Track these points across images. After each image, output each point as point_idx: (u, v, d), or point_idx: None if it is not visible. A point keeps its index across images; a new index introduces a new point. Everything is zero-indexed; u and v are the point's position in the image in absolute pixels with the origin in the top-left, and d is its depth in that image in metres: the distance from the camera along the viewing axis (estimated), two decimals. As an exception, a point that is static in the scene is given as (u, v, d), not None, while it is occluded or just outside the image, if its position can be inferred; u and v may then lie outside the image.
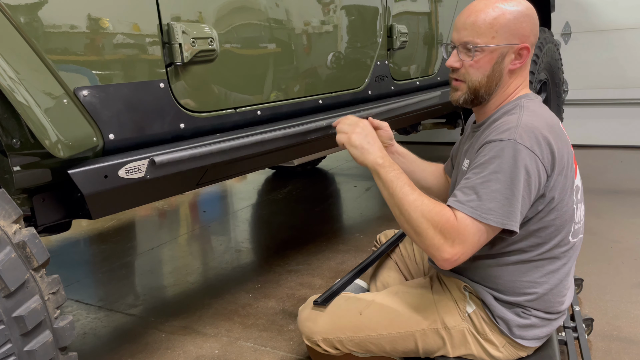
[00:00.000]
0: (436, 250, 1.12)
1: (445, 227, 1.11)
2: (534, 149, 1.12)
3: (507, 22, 1.20)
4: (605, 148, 4.65)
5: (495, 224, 1.11)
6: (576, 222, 1.27)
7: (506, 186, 1.11)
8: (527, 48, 1.23)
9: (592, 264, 2.32)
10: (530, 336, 1.27)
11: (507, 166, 1.11)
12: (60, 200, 1.25)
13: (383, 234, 1.93)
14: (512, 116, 1.21)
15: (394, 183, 1.21)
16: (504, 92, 1.28)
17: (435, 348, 1.34)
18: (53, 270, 1.15)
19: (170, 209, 3.75)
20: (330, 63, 1.86)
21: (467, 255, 1.13)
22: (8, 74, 0.99)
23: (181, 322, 2.07)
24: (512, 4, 1.22)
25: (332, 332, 1.41)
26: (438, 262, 1.13)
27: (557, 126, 1.22)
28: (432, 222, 1.12)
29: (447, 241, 1.11)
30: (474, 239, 1.11)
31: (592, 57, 4.59)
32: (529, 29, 1.23)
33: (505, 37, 1.21)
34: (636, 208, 3.03)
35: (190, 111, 1.38)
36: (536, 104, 1.26)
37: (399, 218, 1.20)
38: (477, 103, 1.30)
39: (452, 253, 1.11)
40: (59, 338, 1.05)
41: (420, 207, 1.15)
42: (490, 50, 1.22)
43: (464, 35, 1.24)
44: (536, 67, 2.96)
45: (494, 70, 1.24)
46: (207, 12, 1.40)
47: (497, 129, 1.18)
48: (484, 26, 1.21)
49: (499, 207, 1.10)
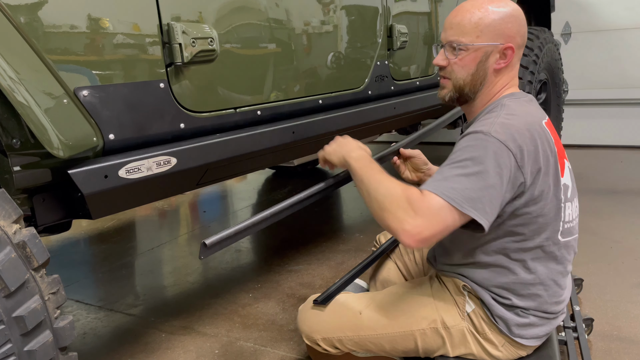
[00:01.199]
0: (399, 223, 1.09)
1: (407, 200, 1.10)
2: (508, 143, 1.12)
3: (492, 21, 1.22)
4: (605, 148, 4.65)
5: (454, 204, 1.08)
6: (566, 222, 1.26)
7: (473, 172, 1.11)
8: (511, 48, 1.24)
9: (592, 264, 2.32)
10: (530, 335, 1.27)
11: (477, 155, 1.12)
12: (60, 200, 1.25)
13: (382, 234, 1.93)
14: (492, 113, 1.22)
15: (364, 169, 1.25)
16: (489, 91, 1.29)
17: (435, 347, 1.34)
18: (53, 270, 1.15)
19: (170, 209, 3.75)
20: (330, 63, 1.86)
21: (432, 231, 1.08)
22: (8, 74, 0.99)
23: (181, 322, 2.07)
24: (499, 5, 1.23)
25: (332, 331, 1.41)
26: (400, 235, 1.10)
27: (537, 125, 1.21)
28: (395, 197, 1.12)
29: (408, 213, 1.09)
30: (436, 214, 1.08)
31: (592, 57, 4.59)
32: (515, 29, 1.24)
33: (490, 37, 1.23)
34: (636, 208, 3.02)
35: (190, 111, 1.39)
36: (519, 103, 1.26)
37: (369, 201, 1.20)
38: (463, 101, 1.32)
39: (413, 225, 1.07)
40: (59, 338, 1.05)
41: (386, 183, 1.17)
42: (474, 48, 1.24)
43: (450, 34, 1.27)
44: (536, 67, 2.96)
45: (478, 69, 1.26)
46: (207, 12, 1.40)
47: (475, 125, 1.20)
48: (469, 25, 1.23)
49: (462, 190, 1.09)
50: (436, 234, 1.10)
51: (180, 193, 1.54)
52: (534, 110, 1.27)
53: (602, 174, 3.82)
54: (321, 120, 1.77)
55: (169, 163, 1.29)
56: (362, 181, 1.23)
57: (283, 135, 1.61)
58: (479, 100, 1.31)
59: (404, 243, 1.10)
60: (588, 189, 3.44)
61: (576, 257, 2.35)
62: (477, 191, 1.10)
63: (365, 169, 1.25)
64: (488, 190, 1.10)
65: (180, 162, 1.32)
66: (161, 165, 1.27)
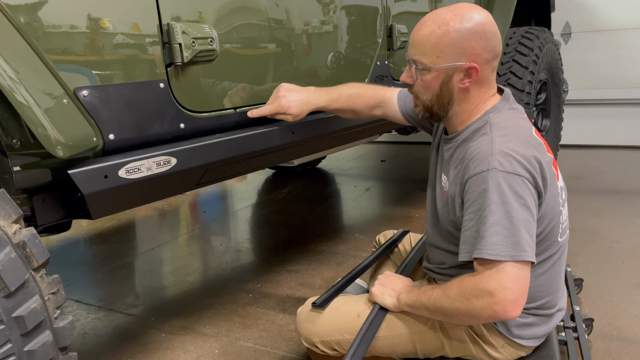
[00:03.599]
0: (489, 311, 1.08)
1: (471, 290, 1.10)
2: (518, 171, 1.09)
3: (452, 41, 1.15)
4: (605, 148, 4.65)
5: (504, 258, 1.06)
6: (562, 223, 1.26)
7: (502, 216, 1.07)
8: (475, 68, 1.17)
9: (592, 264, 2.32)
10: (529, 335, 1.27)
11: (496, 197, 1.08)
12: (60, 200, 1.25)
13: (382, 235, 1.93)
14: (484, 138, 1.17)
15: (420, 301, 1.25)
16: (465, 108, 1.24)
17: (434, 349, 1.34)
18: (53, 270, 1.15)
19: (170, 209, 3.75)
20: (330, 63, 1.86)
21: (516, 291, 1.06)
22: (8, 74, 0.99)
23: (181, 322, 2.07)
24: (462, 20, 1.15)
25: (330, 334, 1.41)
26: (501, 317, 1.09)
27: (531, 138, 1.18)
28: (460, 297, 1.12)
29: (484, 297, 1.08)
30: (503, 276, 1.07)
31: (592, 57, 4.59)
32: (480, 46, 1.16)
33: (451, 57, 1.16)
34: (636, 208, 3.02)
35: (190, 111, 1.39)
36: (506, 116, 1.21)
37: (450, 320, 1.22)
38: (438, 119, 1.28)
39: (498, 301, 1.06)
40: (59, 338, 1.05)
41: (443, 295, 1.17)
42: (436, 70, 1.19)
43: (412, 53, 1.22)
44: (536, 67, 2.96)
45: (442, 89, 1.21)
46: (207, 12, 1.40)
47: (474, 160, 1.14)
48: (428, 45, 1.17)
49: (503, 240, 1.07)
50: (520, 289, 1.08)
51: (180, 193, 1.53)
52: (522, 122, 1.23)
53: (602, 174, 3.82)
54: (321, 120, 1.77)
55: (169, 163, 1.29)
56: (429, 309, 1.22)
57: (283, 135, 1.61)
58: (455, 118, 1.26)
59: (511, 318, 1.09)
60: (588, 189, 3.44)
61: (576, 257, 2.37)
62: (516, 234, 1.07)
63: (420, 298, 1.24)
64: (525, 226, 1.08)
65: (180, 162, 1.32)
66: (161, 165, 1.27)
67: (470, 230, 1.13)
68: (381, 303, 1.36)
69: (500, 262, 1.07)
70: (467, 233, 1.14)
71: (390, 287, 1.37)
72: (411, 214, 3.20)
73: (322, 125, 1.78)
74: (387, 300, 1.35)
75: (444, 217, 1.30)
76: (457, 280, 1.16)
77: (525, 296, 1.09)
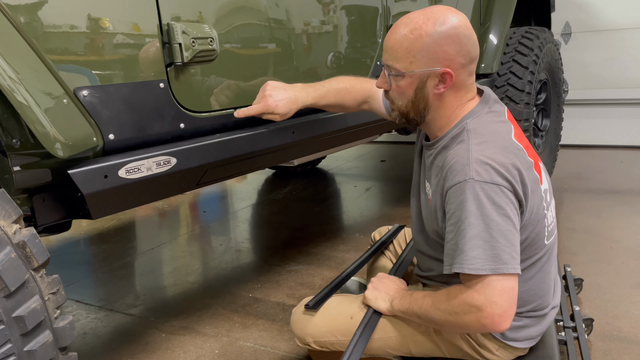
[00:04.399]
0: (477, 324, 1.08)
1: (458, 305, 1.10)
2: (496, 180, 1.06)
3: (424, 46, 1.12)
4: (605, 148, 4.65)
5: (484, 272, 1.04)
6: (548, 225, 1.23)
7: (481, 229, 1.05)
8: (449, 73, 1.13)
9: (592, 264, 2.32)
10: (523, 337, 1.27)
11: (474, 208, 1.05)
12: (60, 200, 1.25)
13: (377, 232, 1.93)
14: (461, 146, 1.14)
15: (412, 309, 1.26)
16: (442, 114, 1.21)
17: (429, 352, 1.34)
18: (53, 270, 1.15)
19: (170, 209, 3.75)
20: (330, 63, 1.86)
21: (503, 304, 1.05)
22: (8, 74, 0.99)
23: (181, 322, 2.07)
24: (434, 24, 1.12)
25: (324, 335, 1.40)
26: (490, 330, 1.09)
27: (509, 144, 1.14)
28: (449, 310, 1.13)
29: (472, 311, 1.07)
30: (488, 291, 1.06)
31: (592, 57, 4.59)
32: (454, 51, 1.12)
33: (424, 62, 1.13)
34: (636, 208, 3.02)
35: (190, 111, 1.39)
36: (484, 121, 1.18)
37: (442, 328, 1.25)
38: (415, 124, 1.25)
39: (485, 314, 1.06)
40: (59, 338, 1.05)
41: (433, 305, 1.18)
42: (409, 76, 1.16)
43: (386, 59, 1.20)
44: (536, 67, 2.96)
45: (417, 95, 1.18)
46: (207, 12, 1.40)
47: (452, 170, 1.11)
48: (400, 50, 1.15)
49: (482, 253, 1.05)
50: (508, 300, 1.07)
51: (180, 193, 1.54)
52: (500, 126, 1.19)
53: (602, 174, 3.82)
54: (321, 120, 1.77)
55: (168, 163, 1.29)
56: (420, 317, 1.24)
57: (283, 135, 1.61)
58: (432, 124, 1.24)
59: (500, 331, 1.09)
60: (588, 189, 3.44)
61: (576, 257, 2.37)
62: (495, 246, 1.05)
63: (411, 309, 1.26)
64: (505, 237, 1.06)
65: (180, 162, 1.32)
66: (161, 165, 1.27)
67: (450, 242, 1.11)
68: (375, 307, 1.36)
69: (483, 276, 1.06)
70: (448, 246, 1.12)
71: (383, 291, 1.36)
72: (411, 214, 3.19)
73: (322, 125, 1.79)
74: (380, 305, 1.35)
75: (429, 226, 1.28)
76: (446, 291, 1.15)
77: (514, 308, 1.08)
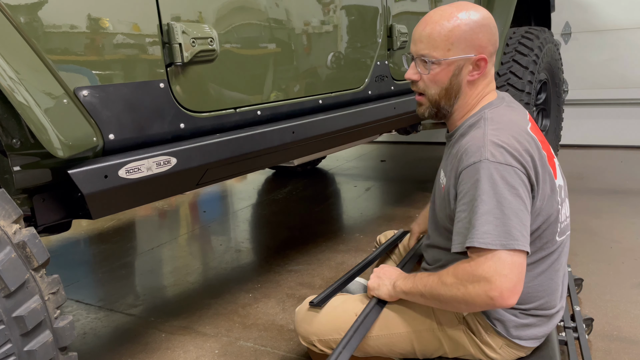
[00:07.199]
0: (485, 298, 1.08)
1: (466, 276, 1.10)
2: (510, 161, 1.10)
3: (462, 33, 1.18)
4: (605, 148, 4.65)
5: (495, 247, 1.06)
6: (562, 222, 1.25)
7: (494, 206, 1.08)
8: (484, 59, 1.20)
9: (592, 264, 2.32)
10: (528, 336, 1.27)
11: (487, 187, 1.08)
12: (60, 200, 1.25)
13: (383, 235, 1.93)
14: (477, 131, 1.18)
15: (416, 287, 1.25)
16: (466, 103, 1.26)
17: (432, 350, 1.34)
18: (53, 270, 1.15)
19: (170, 209, 3.76)
20: (330, 63, 1.86)
21: (512, 279, 1.06)
22: (8, 74, 0.99)
23: (181, 322, 2.07)
24: (468, 14, 1.19)
25: (328, 333, 1.40)
26: (498, 304, 1.08)
27: (524, 132, 1.18)
28: (456, 284, 1.12)
29: (481, 283, 1.08)
30: (498, 264, 1.06)
31: (592, 57, 4.59)
32: (486, 39, 1.20)
33: (462, 49, 1.19)
34: (636, 208, 3.02)
35: (190, 111, 1.39)
36: (500, 111, 1.23)
37: (446, 306, 1.22)
38: (442, 116, 1.30)
39: (494, 287, 1.06)
40: (59, 338, 1.05)
41: (439, 281, 1.16)
42: (447, 63, 1.20)
43: (420, 48, 1.22)
44: (536, 67, 2.96)
45: (452, 82, 1.23)
46: (207, 12, 1.40)
47: (467, 152, 1.15)
48: (439, 39, 1.19)
49: (493, 229, 1.07)
50: (517, 277, 1.07)
51: (180, 193, 1.54)
52: (516, 117, 1.24)
53: (602, 174, 3.82)
54: (321, 120, 1.77)
55: (168, 163, 1.29)
56: (424, 295, 1.23)
57: (283, 135, 1.62)
58: (457, 113, 1.28)
59: (508, 306, 1.09)
60: (588, 189, 3.44)
61: (576, 257, 2.37)
62: (507, 223, 1.07)
63: (416, 284, 1.24)
64: (516, 215, 1.08)
65: (180, 162, 1.32)
66: (161, 165, 1.27)
67: (462, 221, 1.14)
68: (378, 294, 1.36)
69: (493, 250, 1.07)
70: (460, 224, 1.14)
71: (386, 277, 1.37)
72: (411, 214, 3.20)
73: (322, 125, 1.79)
74: (383, 290, 1.35)
75: (441, 213, 1.30)
76: (453, 267, 1.15)
77: (522, 284, 1.09)
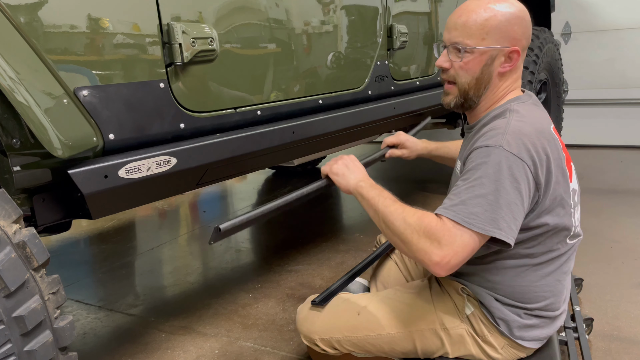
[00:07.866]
0: (425, 255, 1.08)
1: (428, 230, 1.09)
2: (522, 156, 1.09)
3: (498, 23, 1.18)
4: (605, 148, 4.65)
5: (477, 230, 1.07)
6: (575, 226, 1.25)
7: (490, 192, 1.08)
8: (517, 52, 1.20)
9: (592, 264, 2.32)
10: (531, 337, 1.27)
11: (492, 172, 1.09)
12: (60, 200, 1.25)
13: (383, 235, 1.93)
14: (502, 120, 1.18)
15: (376, 199, 1.22)
16: (493, 95, 1.26)
17: (434, 349, 1.34)
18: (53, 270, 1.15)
19: (170, 209, 3.75)
20: (330, 63, 1.86)
21: (459, 258, 1.08)
22: (8, 74, 0.99)
23: (181, 322, 2.07)
24: (504, 5, 1.19)
25: (330, 332, 1.41)
26: (430, 267, 1.09)
27: (547, 131, 1.18)
28: (415, 227, 1.11)
29: (433, 243, 1.08)
30: (461, 242, 1.07)
31: (592, 57, 4.59)
32: (521, 32, 1.21)
33: (496, 39, 1.19)
34: (636, 208, 3.02)
35: (190, 111, 1.39)
36: (527, 107, 1.23)
37: (386, 232, 1.20)
38: (468, 107, 1.29)
39: (441, 255, 1.07)
40: (59, 338, 1.05)
41: (402, 214, 1.15)
42: (480, 52, 1.20)
43: (455, 36, 1.22)
44: (536, 67, 2.96)
45: (483, 72, 1.22)
46: (207, 12, 1.40)
47: (486, 135, 1.16)
48: (474, 27, 1.19)
49: (482, 213, 1.07)
50: (464, 259, 1.09)
51: (180, 193, 1.54)
52: (541, 115, 1.24)
53: (602, 174, 3.82)
54: (321, 120, 1.77)
55: (169, 163, 1.29)
56: (377, 211, 1.21)
57: (283, 135, 1.61)
58: (482, 104, 1.28)
59: (435, 273, 1.09)
60: (588, 189, 3.43)
61: (576, 257, 2.36)
62: (497, 211, 1.07)
63: (377, 198, 1.22)
64: (509, 207, 1.08)
65: (180, 162, 1.32)
66: (161, 165, 1.27)
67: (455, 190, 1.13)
68: (335, 180, 1.36)
69: (470, 229, 1.07)
70: (453, 192, 1.14)
71: (353, 172, 1.35)
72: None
73: (322, 125, 1.79)
74: (343, 181, 1.34)
75: None
76: (422, 213, 1.14)
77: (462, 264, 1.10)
